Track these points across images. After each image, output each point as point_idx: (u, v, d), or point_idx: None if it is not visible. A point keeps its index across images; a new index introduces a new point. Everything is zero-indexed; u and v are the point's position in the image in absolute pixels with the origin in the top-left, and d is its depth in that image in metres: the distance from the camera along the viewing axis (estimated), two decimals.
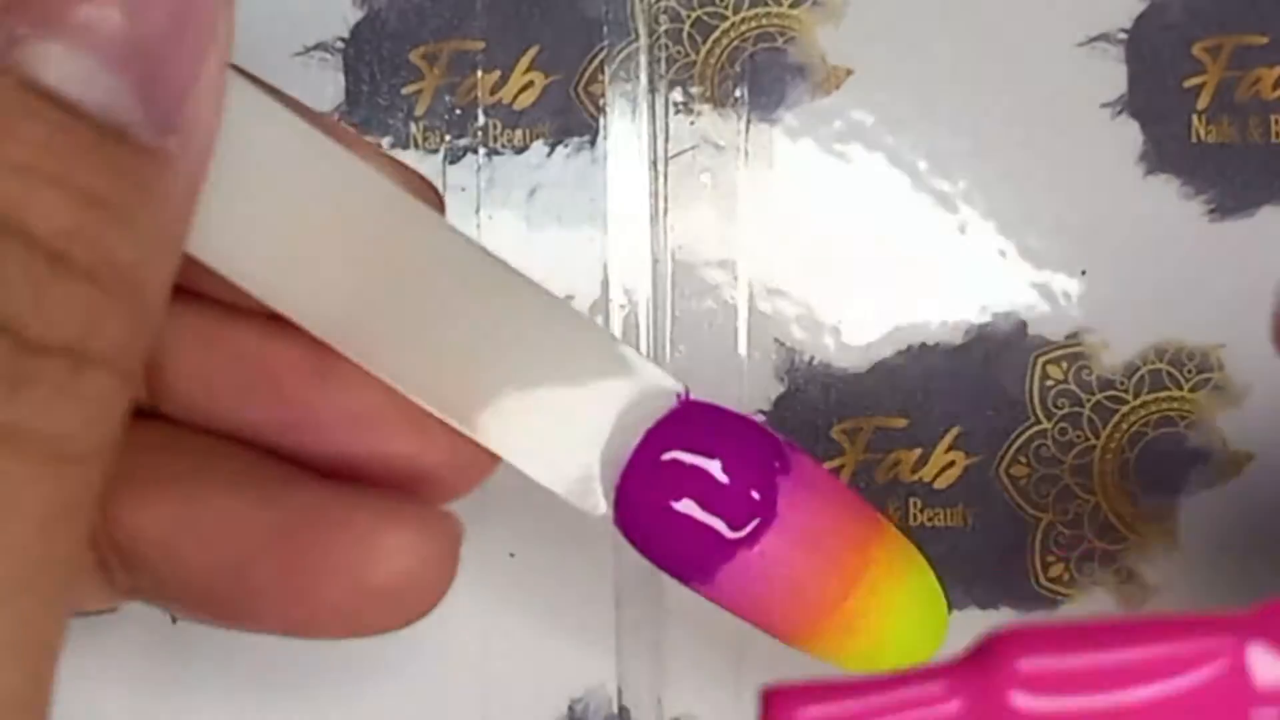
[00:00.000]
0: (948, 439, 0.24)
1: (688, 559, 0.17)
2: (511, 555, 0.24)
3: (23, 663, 0.13)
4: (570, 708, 0.24)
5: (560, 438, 0.17)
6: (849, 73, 0.24)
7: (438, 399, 0.17)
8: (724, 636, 0.24)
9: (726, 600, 0.18)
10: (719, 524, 0.17)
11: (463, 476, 0.17)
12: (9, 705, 0.12)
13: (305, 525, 0.16)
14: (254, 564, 0.16)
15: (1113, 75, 0.24)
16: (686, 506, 0.17)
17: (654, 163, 0.24)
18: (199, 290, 0.17)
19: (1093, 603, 0.24)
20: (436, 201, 0.18)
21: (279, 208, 0.16)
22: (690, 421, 0.17)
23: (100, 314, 0.13)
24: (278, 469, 0.17)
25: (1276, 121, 0.24)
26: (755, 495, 0.17)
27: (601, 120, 0.24)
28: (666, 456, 0.17)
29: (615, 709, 0.24)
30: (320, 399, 0.17)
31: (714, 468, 0.17)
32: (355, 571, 0.16)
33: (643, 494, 0.17)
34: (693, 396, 0.17)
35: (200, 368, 0.17)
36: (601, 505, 0.17)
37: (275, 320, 0.17)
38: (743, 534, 0.17)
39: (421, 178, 0.18)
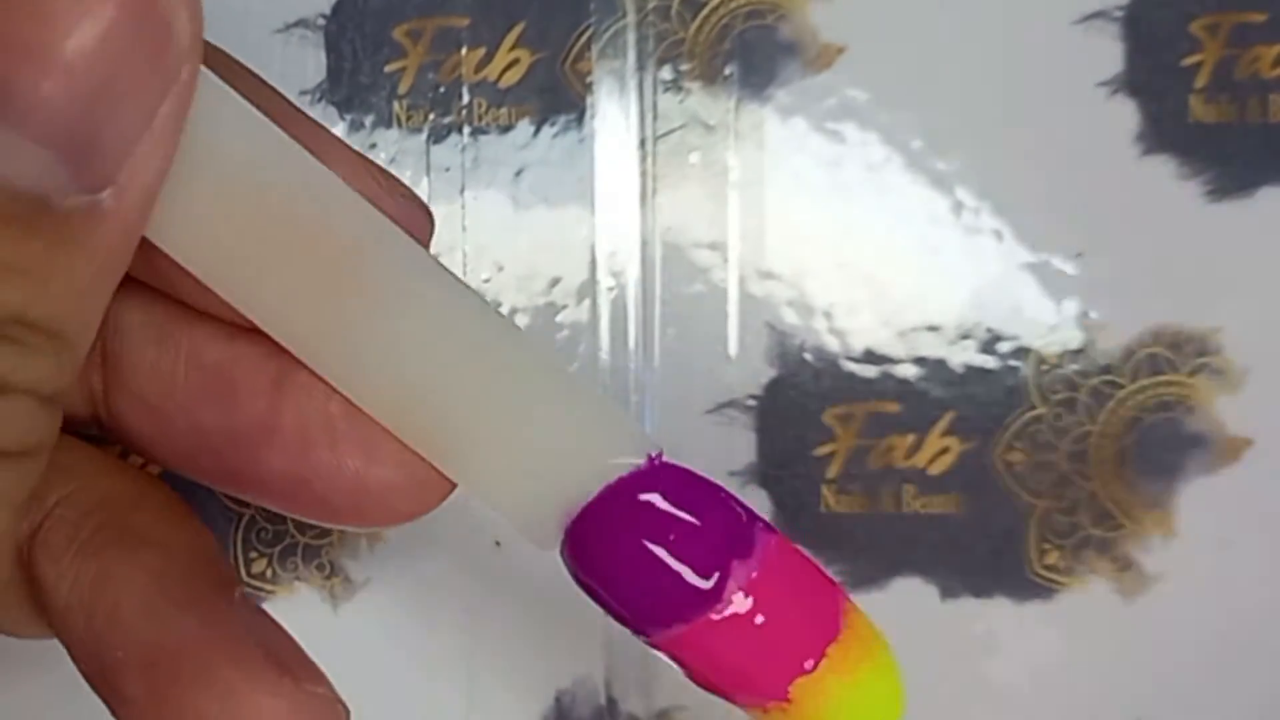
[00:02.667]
0: (942, 424, 0.23)
1: (636, 609, 0.17)
2: (497, 544, 0.24)
3: None
4: (557, 699, 0.24)
5: (522, 474, 0.17)
6: (841, 50, 0.23)
7: (396, 419, 0.17)
8: None
9: (670, 655, 0.17)
10: (670, 581, 0.16)
11: (415, 500, 0.17)
12: None
13: (178, 660, 0.16)
14: (123, 672, 0.16)
15: (1109, 53, 0.23)
16: (650, 552, 0.17)
17: (643, 142, 0.24)
18: (166, 290, 0.17)
19: (1090, 591, 0.23)
20: (424, 220, 0.18)
21: (240, 208, 0.15)
22: (659, 479, 0.17)
23: (19, 361, 0.13)
24: (186, 583, 0.17)
25: (1276, 100, 0.23)
26: (714, 563, 0.17)
27: (589, 99, 0.24)
28: (640, 498, 0.17)
29: (603, 700, 0.24)
30: (275, 409, 0.17)
31: (672, 527, 0.17)
32: None
33: (602, 535, 0.17)
34: (668, 459, 0.17)
35: (158, 366, 0.17)
36: (555, 544, 0.17)
37: (239, 328, 0.17)
38: (697, 592, 0.16)
39: (412, 196, 0.18)
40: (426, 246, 0.18)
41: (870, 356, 0.23)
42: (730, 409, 0.24)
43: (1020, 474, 0.23)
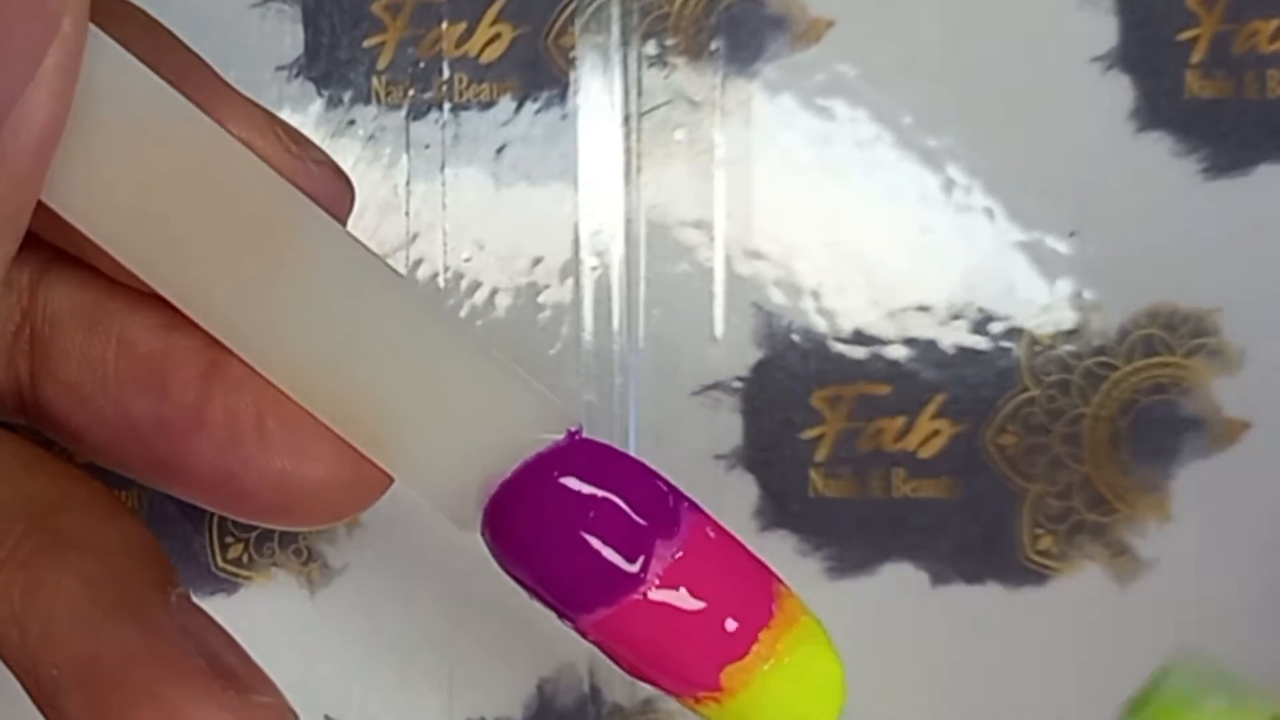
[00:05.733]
0: (932, 407, 0.23)
1: (556, 591, 0.16)
2: None
3: None
4: (540, 687, 0.24)
5: (441, 458, 0.16)
6: (830, 24, 0.23)
7: (317, 400, 0.16)
8: None
9: (595, 641, 0.17)
10: (592, 561, 0.16)
11: (345, 499, 0.17)
12: None
13: (113, 671, 0.15)
14: (59, 685, 0.16)
15: (1103, 28, 0.23)
16: (567, 533, 0.16)
17: (627, 119, 0.23)
18: (97, 271, 0.17)
19: (1083, 576, 0.23)
20: (340, 187, 0.17)
21: (140, 174, 0.15)
22: (578, 456, 0.16)
23: None
24: (120, 587, 0.16)
25: (1273, 76, 0.23)
26: (633, 543, 0.16)
27: (572, 74, 0.23)
28: (544, 484, 0.16)
29: (586, 689, 0.23)
30: (205, 401, 0.16)
31: (593, 506, 0.16)
32: None
33: (518, 515, 0.16)
34: (587, 435, 0.16)
35: (88, 354, 0.17)
36: (475, 524, 0.17)
37: (173, 317, 0.16)
38: (615, 574, 0.16)
39: (326, 161, 0.17)
40: (345, 219, 0.17)
41: (859, 337, 0.23)
42: (716, 391, 0.23)
43: (1012, 457, 0.23)
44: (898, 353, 0.23)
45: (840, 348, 0.23)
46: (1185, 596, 0.23)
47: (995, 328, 0.23)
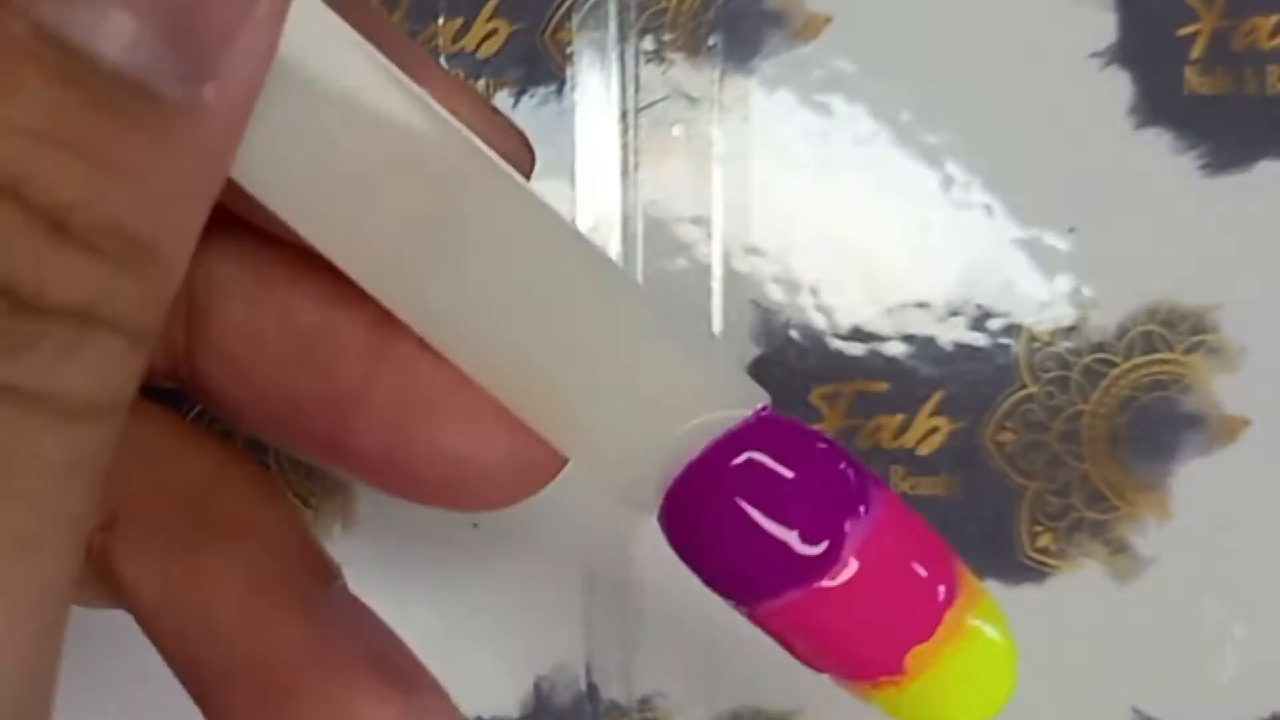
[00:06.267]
0: (931, 404, 0.23)
1: (738, 576, 0.16)
2: (475, 526, 0.23)
3: (36, 618, 0.12)
4: (536, 685, 0.23)
5: (624, 436, 0.16)
6: (828, 20, 0.23)
7: (495, 377, 0.15)
8: (694, 613, 0.23)
9: (767, 627, 0.16)
10: (785, 540, 0.15)
11: (516, 482, 0.16)
12: (22, 664, 0.12)
13: (280, 669, 0.15)
14: (220, 680, 0.15)
15: (1102, 23, 0.23)
16: (750, 516, 0.15)
17: (624, 114, 0.23)
18: (260, 242, 0.16)
19: (1082, 574, 0.23)
20: (526, 157, 0.17)
21: (332, 141, 0.14)
22: (768, 434, 0.16)
23: (106, 281, 0.12)
24: (282, 581, 0.16)
25: (1273, 72, 0.23)
26: (826, 522, 0.15)
27: (569, 70, 0.23)
28: (738, 460, 0.15)
29: (583, 686, 0.23)
30: (372, 379, 0.16)
31: (787, 480, 0.15)
32: None
33: (700, 498, 0.15)
34: (775, 412, 0.16)
35: (250, 324, 0.16)
36: (654, 507, 0.16)
37: (341, 290, 0.15)
38: (805, 556, 0.15)
39: (513, 128, 0.16)
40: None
41: (858, 334, 0.23)
42: None
43: (1011, 454, 0.23)
44: (896, 349, 0.23)
45: (838, 344, 0.23)
46: (1185, 594, 0.23)
47: (994, 324, 0.23)
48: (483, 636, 0.23)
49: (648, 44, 0.23)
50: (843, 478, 0.16)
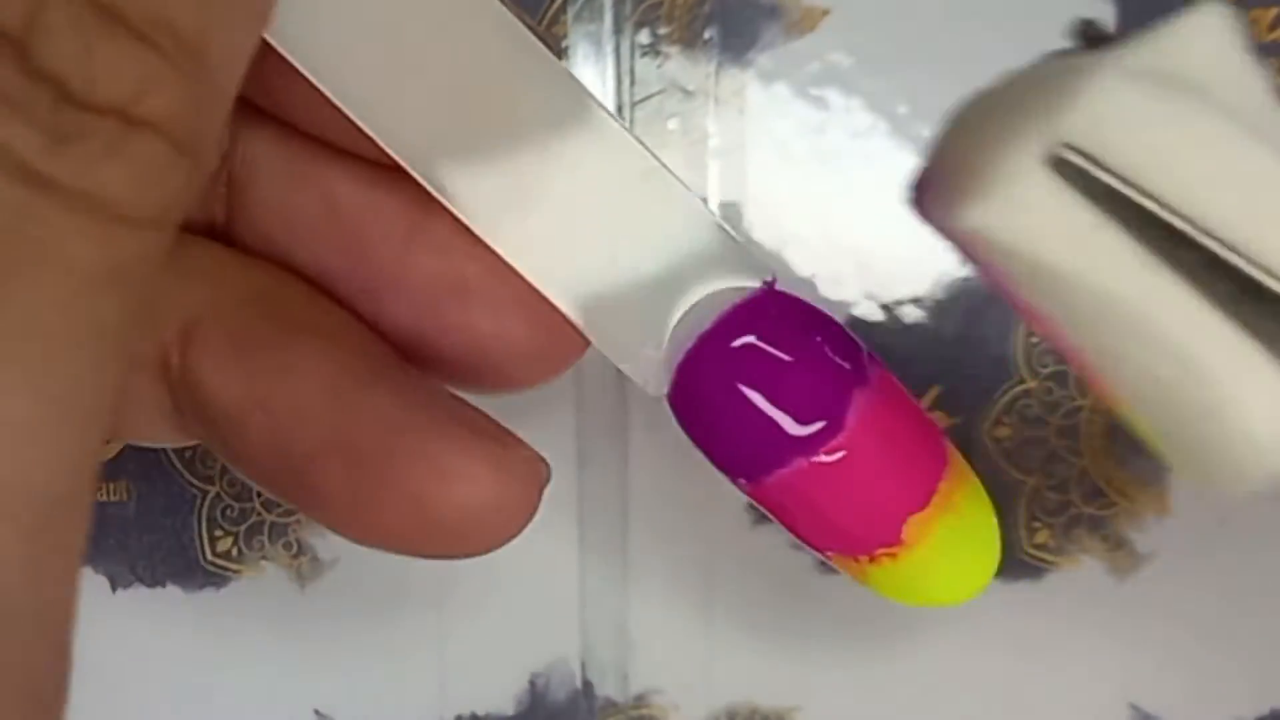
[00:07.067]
0: (928, 399, 0.23)
1: (740, 453, 0.16)
2: None
3: (70, 425, 0.12)
4: (532, 682, 0.23)
5: (637, 312, 0.16)
6: (825, 13, 0.23)
7: (523, 254, 0.16)
8: (690, 609, 0.23)
9: (770, 504, 0.16)
10: (782, 420, 0.16)
11: (540, 362, 0.17)
12: (60, 471, 0.12)
13: (375, 437, 0.15)
14: (316, 461, 0.15)
15: (1100, 15, 0.23)
16: (749, 396, 0.16)
17: (620, 108, 0.23)
18: (300, 126, 0.16)
19: (1081, 571, 0.23)
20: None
21: (374, 8, 0.14)
22: (769, 311, 0.16)
23: (154, 77, 0.12)
24: (364, 361, 0.16)
25: (1273, 65, 0.23)
26: (825, 399, 0.16)
27: (564, 63, 0.23)
28: (737, 342, 0.16)
29: (579, 683, 0.23)
30: (406, 261, 0.16)
31: (785, 360, 0.16)
32: (419, 499, 0.15)
33: (703, 378, 0.16)
34: (779, 286, 0.16)
35: (287, 203, 0.16)
36: (663, 388, 0.16)
37: (378, 172, 0.16)
38: (804, 434, 0.16)
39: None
40: None
41: (854, 328, 0.23)
42: None
43: (1009, 450, 0.23)
44: (892, 343, 0.23)
45: None
46: (1183, 590, 0.23)
47: (991, 319, 0.23)
48: (478, 632, 0.23)
49: (643, 37, 0.23)
50: (849, 346, 0.16)
